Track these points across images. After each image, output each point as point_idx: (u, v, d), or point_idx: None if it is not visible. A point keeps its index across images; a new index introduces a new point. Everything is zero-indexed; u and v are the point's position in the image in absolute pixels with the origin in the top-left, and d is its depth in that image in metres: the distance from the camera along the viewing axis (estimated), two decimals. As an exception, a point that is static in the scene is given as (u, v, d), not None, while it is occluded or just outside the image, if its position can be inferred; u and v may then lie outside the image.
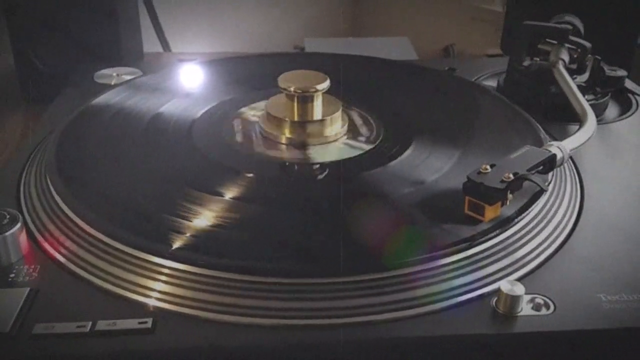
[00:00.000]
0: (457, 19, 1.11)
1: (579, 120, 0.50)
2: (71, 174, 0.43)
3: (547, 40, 0.59)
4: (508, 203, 0.39)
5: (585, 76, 0.58)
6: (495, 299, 0.34)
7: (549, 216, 0.41)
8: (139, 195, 0.41)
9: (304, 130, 0.49)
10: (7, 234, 0.36)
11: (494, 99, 0.58)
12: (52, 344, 0.31)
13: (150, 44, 0.90)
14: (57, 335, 0.32)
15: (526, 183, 0.40)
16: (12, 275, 0.36)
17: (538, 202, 0.41)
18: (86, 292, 0.35)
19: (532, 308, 0.34)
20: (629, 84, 0.62)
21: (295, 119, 0.49)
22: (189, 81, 0.60)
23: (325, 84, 0.49)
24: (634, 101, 0.60)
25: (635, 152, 0.51)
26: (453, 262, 0.36)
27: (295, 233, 0.38)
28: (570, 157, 0.46)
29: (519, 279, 0.36)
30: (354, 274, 0.34)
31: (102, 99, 0.55)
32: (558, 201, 0.42)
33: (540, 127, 0.51)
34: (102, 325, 0.32)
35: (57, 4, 0.71)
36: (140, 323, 0.32)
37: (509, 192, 0.39)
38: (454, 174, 0.44)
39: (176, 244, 0.36)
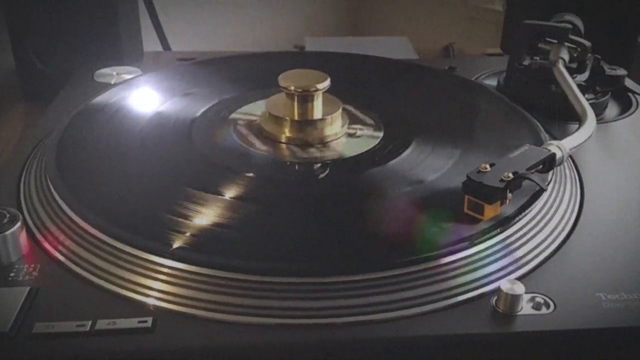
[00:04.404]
0: (457, 19, 1.11)
1: (579, 119, 0.50)
2: (71, 174, 0.43)
3: (547, 39, 0.59)
4: (508, 202, 0.39)
5: (585, 75, 0.58)
6: (495, 298, 0.34)
7: (548, 215, 0.41)
8: (138, 194, 0.41)
9: (304, 129, 0.49)
10: (7, 233, 0.36)
11: (494, 98, 0.58)
12: (52, 343, 0.31)
13: (150, 43, 0.90)
14: (57, 334, 0.32)
15: (526, 182, 0.40)
16: (12, 274, 0.36)
17: (538, 201, 0.41)
18: (86, 291, 0.35)
19: (532, 307, 0.34)
20: (629, 83, 0.62)
21: (296, 118, 0.49)
22: (189, 80, 0.60)
23: (326, 83, 0.49)
24: (634, 100, 0.60)
25: (635, 152, 0.51)
26: (453, 261, 0.36)
27: (295, 233, 0.38)
28: (570, 156, 0.46)
29: (519, 278, 0.36)
30: (354, 273, 0.34)
31: (102, 98, 0.55)
32: (558, 200, 0.42)
33: (540, 126, 0.51)
34: (102, 324, 0.32)
35: (57, 4, 0.71)
36: (140, 322, 0.32)
37: (508, 191, 0.39)
38: (454, 173, 0.44)
39: (176, 244, 0.36)
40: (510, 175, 0.39)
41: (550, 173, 0.43)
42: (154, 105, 0.55)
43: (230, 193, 0.41)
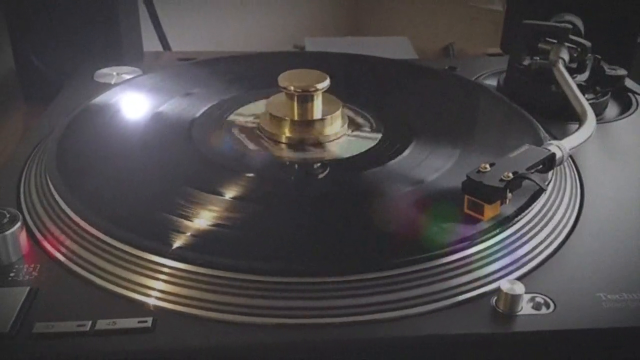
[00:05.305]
0: (457, 19, 1.11)
1: (579, 119, 0.50)
2: (71, 174, 0.43)
3: (547, 39, 0.59)
4: (508, 202, 0.39)
5: (585, 75, 0.58)
6: (495, 298, 0.34)
7: (549, 215, 0.41)
8: (138, 194, 0.41)
9: (304, 129, 0.49)
10: (7, 233, 0.36)
11: (494, 98, 0.58)
12: (52, 343, 0.31)
13: (150, 43, 0.91)
14: (57, 334, 0.32)
15: (527, 182, 0.40)
16: (12, 274, 0.36)
17: (538, 201, 0.41)
18: (86, 291, 0.35)
19: (532, 307, 0.34)
20: (629, 83, 0.62)
21: (296, 118, 0.49)
22: (189, 80, 0.60)
23: (325, 83, 0.49)
24: (634, 100, 0.60)
25: (635, 152, 0.51)
26: (453, 261, 0.36)
27: (295, 232, 0.38)
28: (570, 156, 0.46)
29: (519, 278, 0.36)
30: (354, 273, 0.34)
31: (102, 98, 0.55)
32: (558, 200, 0.42)
33: (540, 126, 0.51)
34: (102, 324, 0.32)
35: (57, 4, 0.71)
36: (140, 322, 0.32)
37: (508, 191, 0.39)
38: (454, 173, 0.44)
39: (176, 243, 0.36)
40: (510, 175, 0.39)
41: (550, 173, 0.43)
42: (154, 105, 0.55)
43: (230, 193, 0.41)
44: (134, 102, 0.55)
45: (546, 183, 0.42)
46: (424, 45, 0.94)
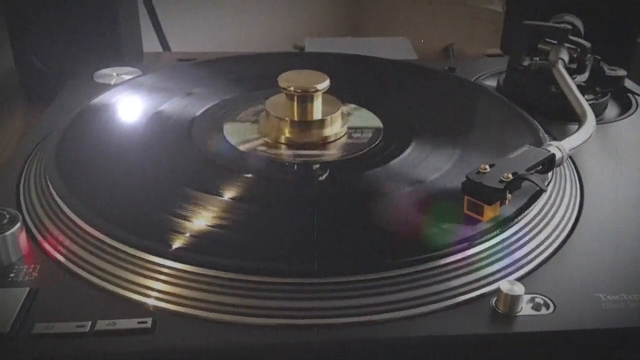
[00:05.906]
0: (457, 19, 1.11)
1: (579, 120, 0.50)
2: (71, 174, 0.43)
3: (547, 40, 0.59)
4: (507, 203, 0.39)
5: (585, 76, 0.58)
6: (495, 299, 0.34)
7: (549, 216, 0.41)
8: (139, 195, 0.41)
9: (304, 130, 0.49)
10: (7, 234, 0.36)
11: (494, 99, 0.58)
12: (52, 344, 0.31)
13: (150, 44, 0.91)
14: (57, 335, 0.32)
15: (527, 183, 0.40)
16: (12, 275, 0.36)
17: (538, 202, 0.41)
18: (86, 292, 0.35)
19: (532, 308, 0.34)
20: (629, 84, 0.62)
21: (296, 119, 0.49)
22: (189, 81, 0.60)
23: (326, 84, 0.49)
24: (634, 101, 0.60)
25: (635, 152, 0.51)
26: (453, 262, 0.36)
27: (295, 233, 0.38)
28: (570, 157, 0.46)
29: (519, 279, 0.36)
30: (353, 274, 0.34)
31: (102, 99, 0.55)
32: (558, 201, 0.42)
33: (540, 127, 0.51)
34: (102, 325, 0.32)
35: (57, 4, 0.71)
36: (140, 323, 0.32)
37: (508, 192, 0.39)
38: (454, 174, 0.44)
39: (176, 244, 0.36)
40: (510, 176, 0.39)
41: (550, 174, 0.43)
42: (154, 106, 0.55)
43: (230, 194, 0.41)
44: (134, 103, 0.55)
45: (546, 184, 0.42)
46: (424, 46, 0.94)
